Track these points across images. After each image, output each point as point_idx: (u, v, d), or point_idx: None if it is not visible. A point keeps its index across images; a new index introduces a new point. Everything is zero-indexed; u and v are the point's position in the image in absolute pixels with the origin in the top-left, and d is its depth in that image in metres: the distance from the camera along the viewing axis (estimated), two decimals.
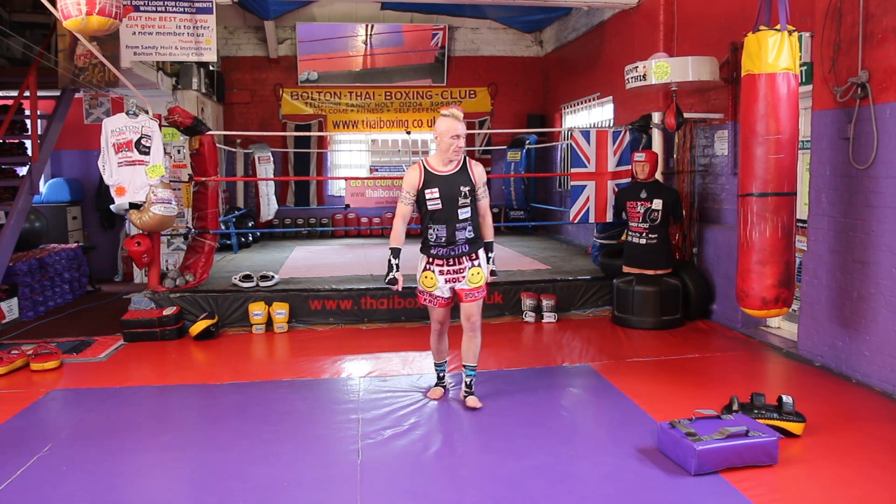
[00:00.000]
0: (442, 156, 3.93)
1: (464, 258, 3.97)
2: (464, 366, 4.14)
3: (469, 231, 3.95)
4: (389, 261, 4.02)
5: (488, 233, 4.07)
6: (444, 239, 3.94)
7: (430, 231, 3.96)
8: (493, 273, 4.07)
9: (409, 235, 4.10)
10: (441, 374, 4.34)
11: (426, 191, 3.90)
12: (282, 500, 2.98)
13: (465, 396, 4.11)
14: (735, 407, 3.55)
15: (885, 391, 4.17)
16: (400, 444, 3.54)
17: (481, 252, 4.02)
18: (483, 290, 4.03)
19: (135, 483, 3.23)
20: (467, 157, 4.01)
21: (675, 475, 3.14)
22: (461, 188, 3.91)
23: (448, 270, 3.99)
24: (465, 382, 4.15)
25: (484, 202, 4.03)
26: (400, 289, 4.12)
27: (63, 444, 3.57)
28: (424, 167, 3.95)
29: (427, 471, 3.25)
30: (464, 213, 3.93)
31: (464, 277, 3.98)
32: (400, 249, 4.05)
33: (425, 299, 4.11)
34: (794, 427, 3.52)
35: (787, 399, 3.57)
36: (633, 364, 4.91)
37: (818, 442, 3.48)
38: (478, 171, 4.00)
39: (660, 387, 4.36)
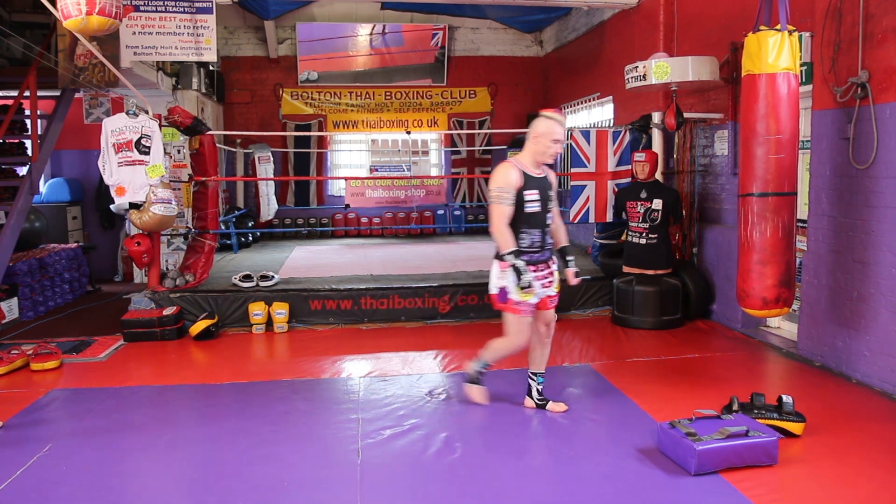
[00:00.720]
0: (535, 158, 3.75)
1: (550, 263, 3.87)
2: (535, 374, 4.00)
3: (549, 235, 3.86)
4: (515, 266, 3.64)
5: (565, 236, 4.01)
6: (537, 244, 3.77)
7: (523, 236, 3.74)
8: (577, 275, 4.00)
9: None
10: (541, 388, 4.03)
11: (526, 192, 3.69)
12: (282, 500, 2.98)
13: (544, 404, 3.98)
14: (735, 407, 3.55)
15: (885, 391, 4.17)
16: (400, 444, 3.54)
17: (554, 258, 3.92)
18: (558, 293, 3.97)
19: (135, 483, 3.23)
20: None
21: (675, 475, 3.14)
22: (549, 192, 3.80)
23: (541, 276, 3.81)
24: (538, 390, 4.01)
25: (556, 202, 3.92)
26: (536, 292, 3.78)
27: (63, 444, 3.57)
28: (520, 168, 3.74)
29: (427, 471, 3.24)
30: (549, 218, 3.82)
31: (551, 283, 3.87)
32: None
33: (523, 309, 3.76)
34: (794, 427, 3.52)
35: (786, 399, 3.57)
36: (633, 364, 4.91)
37: (818, 442, 3.48)
38: (554, 178, 3.89)
39: (660, 387, 4.36)
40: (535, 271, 3.77)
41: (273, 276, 6.53)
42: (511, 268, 3.66)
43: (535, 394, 4.01)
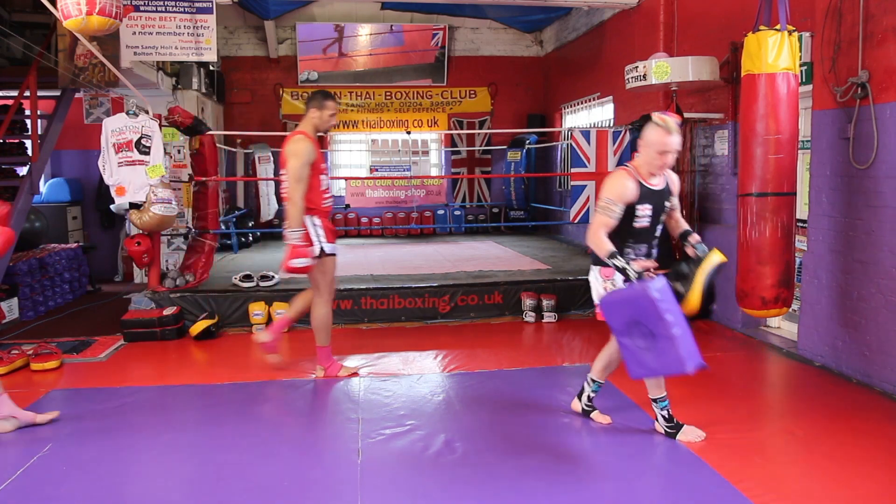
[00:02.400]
0: (650, 167, 3.37)
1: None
2: (594, 380, 3.81)
3: (657, 247, 3.57)
4: (623, 269, 3.23)
5: (685, 224, 3.61)
6: (642, 258, 3.51)
7: (628, 250, 3.45)
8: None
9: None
10: (593, 396, 3.82)
11: (639, 206, 3.36)
12: (282, 500, 2.98)
13: (591, 411, 3.84)
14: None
15: (885, 391, 4.17)
16: (400, 444, 3.54)
17: None
18: None
19: (135, 483, 3.23)
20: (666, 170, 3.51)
21: (675, 476, 3.14)
22: (665, 203, 3.47)
23: None
24: (590, 397, 3.83)
25: (675, 202, 3.57)
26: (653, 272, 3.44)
27: (63, 444, 3.57)
28: (639, 179, 3.37)
29: (427, 471, 3.24)
30: (660, 230, 3.54)
31: None
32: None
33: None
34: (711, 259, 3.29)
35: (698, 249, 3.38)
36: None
37: (818, 442, 3.48)
38: (675, 180, 3.54)
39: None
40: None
41: (273, 276, 6.53)
42: (616, 271, 3.28)
43: (584, 398, 3.83)
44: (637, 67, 6.01)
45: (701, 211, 6.47)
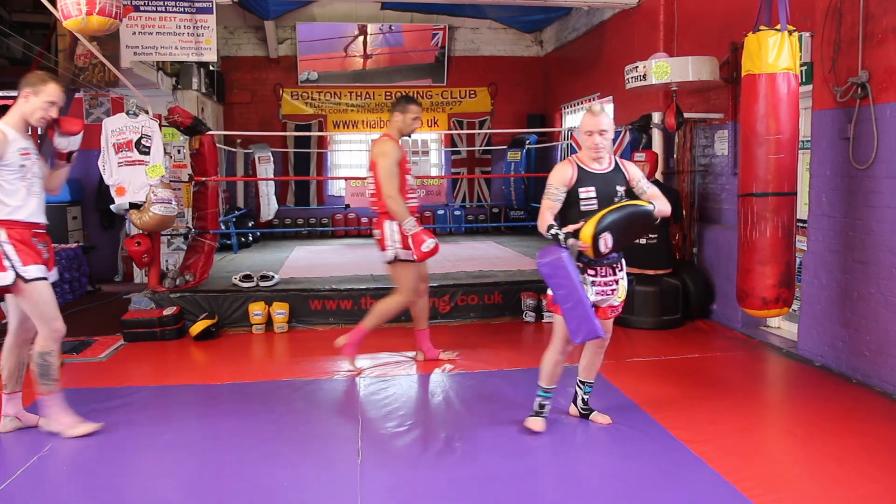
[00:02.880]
0: (588, 152, 3.52)
1: (616, 268, 3.55)
2: (584, 382, 3.82)
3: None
4: (555, 235, 3.30)
5: (658, 201, 3.48)
6: (615, 236, 3.40)
7: None
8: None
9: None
10: (546, 404, 3.73)
11: (580, 189, 3.46)
12: (282, 500, 2.98)
13: (588, 413, 3.82)
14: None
15: (885, 391, 4.17)
16: (400, 444, 3.54)
17: (623, 261, 3.60)
18: (623, 303, 3.68)
19: (135, 483, 3.22)
20: (618, 158, 3.63)
21: (674, 476, 3.14)
22: (617, 188, 3.50)
23: (601, 282, 3.50)
24: (584, 399, 3.84)
25: (652, 190, 3.55)
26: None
27: (63, 444, 3.57)
28: (577, 163, 3.53)
29: (427, 471, 3.24)
30: None
31: (615, 291, 3.56)
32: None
33: None
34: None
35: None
36: (633, 364, 4.91)
37: (818, 442, 3.48)
38: (632, 171, 3.59)
39: (660, 387, 4.35)
40: (594, 275, 3.49)
41: (273, 276, 6.53)
42: (554, 236, 3.31)
43: (579, 402, 3.85)
44: (637, 67, 6.01)
45: (701, 211, 6.47)
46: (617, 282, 3.55)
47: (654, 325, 5.87)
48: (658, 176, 6.38)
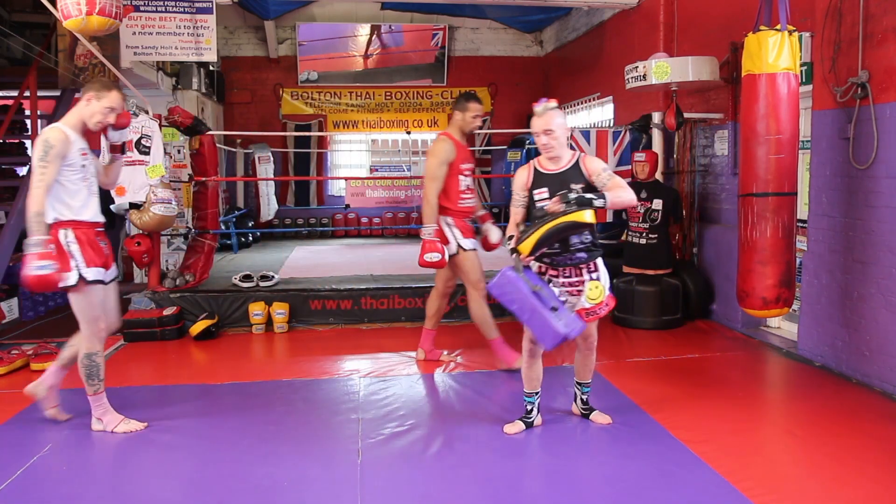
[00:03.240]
0: (542, 154, 3.57)
1: (583, 269, 3.49)
2: (580, 383, 3.79)
3: (587, 236, 3.45)
4: (509, 247, 3.38)
5: (613, 191, 3.40)
6: (556, 245, 3.41)
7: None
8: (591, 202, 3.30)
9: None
10: (530, 408, 3.69)
11: (534, 191, 3.50)
12: (282, 500, 2.98)
13: (589, 413, 3.80)
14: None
15: (885, 391, 4.17)
16: (400, 444, 3.54)
17: (600, 262, 3.53)
18: (606, 304, 3.50)
19: (135, 483, 3.22)
20: (581, 154, 3.56)
21: (674, 476, 3.14)
22: (571, 185, 3.41)
23: (565, 283, 3.47)
24: (583, 399, 3.81)
25: (612, 182, 3.44)
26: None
27: (63, 444, 3.58)
28: (535, 167, 3.57)
29: (427, 471, 3.24)
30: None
31: (581, 293, 3.47)
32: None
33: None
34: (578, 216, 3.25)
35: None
36: (633, 364, 4.91)
37: (818, 442, 3.48)
38: (591, 165, 3.49)
39: (660, 387, 4.35)
40: (555, 276, 3.47)
41: (273, 276, 6.53)
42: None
43: (579, 402, 3.84)
44: (637, 67, 6.01)
45: (701, 211, 6.47)
46: (583, 282, 3.47)
47: (654, 325, 5.87)
48: (658, 176, 6.38)
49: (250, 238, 9.98)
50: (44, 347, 5.12)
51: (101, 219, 3.79)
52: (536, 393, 3.67)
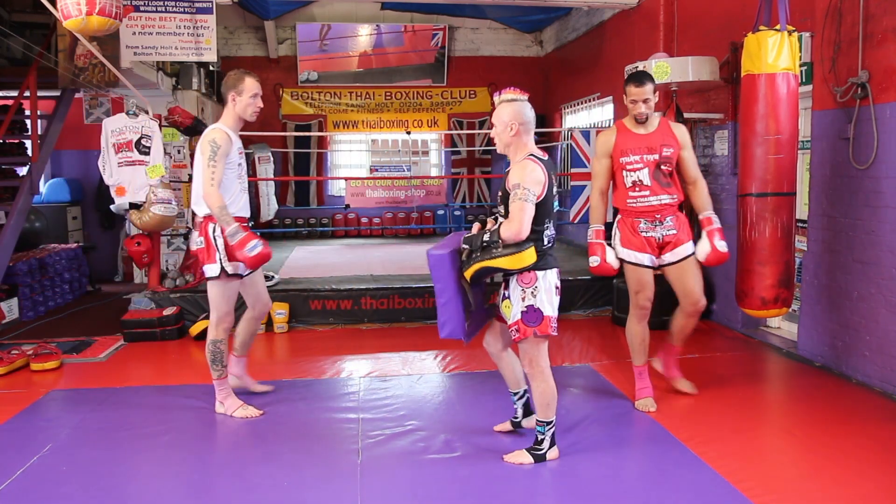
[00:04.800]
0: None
1: (506, 283, 3.31)
2: (513, 393, 3.62)
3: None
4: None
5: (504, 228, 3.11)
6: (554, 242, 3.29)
7: (547, 233, 3.23)
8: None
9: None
10: (515, 408, 3.62)
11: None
12: (282, 500, 2.98)
13: (518, 424, 3.63)
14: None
15: (885, 391, 4.17)
16: (400, 444, 3.54)
17: (515, 283, 3.22)
18: (517, 329, 3.21)
19: (135, 483, 3.23)
20: (523, 158, 3.27)
21: (674, 476, 3.14)
22: (506, 187, 3.23)
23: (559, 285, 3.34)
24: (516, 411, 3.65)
25: (513, 207, 3.08)
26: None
27: (63, 444, 3.58)
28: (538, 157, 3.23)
29: (427, 471, 3.24)
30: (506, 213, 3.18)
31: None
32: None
33: (554, 327, 3.25)
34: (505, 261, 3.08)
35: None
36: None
37: (818, 442, 3.48)
38: (511, 175, 3.20)
39: (660, 387, 4.35)
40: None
41: (273, 276, 6.53)
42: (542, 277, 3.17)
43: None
44: (637, 67, 6.01)
45: None
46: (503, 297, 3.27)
47: (655, 325, 5.81)
48: None
49: None
50: (44, 347, 5.12)
51: (247, 213, 4.02)
52: (515, 393, 3.58)
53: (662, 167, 3.86)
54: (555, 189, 3.28)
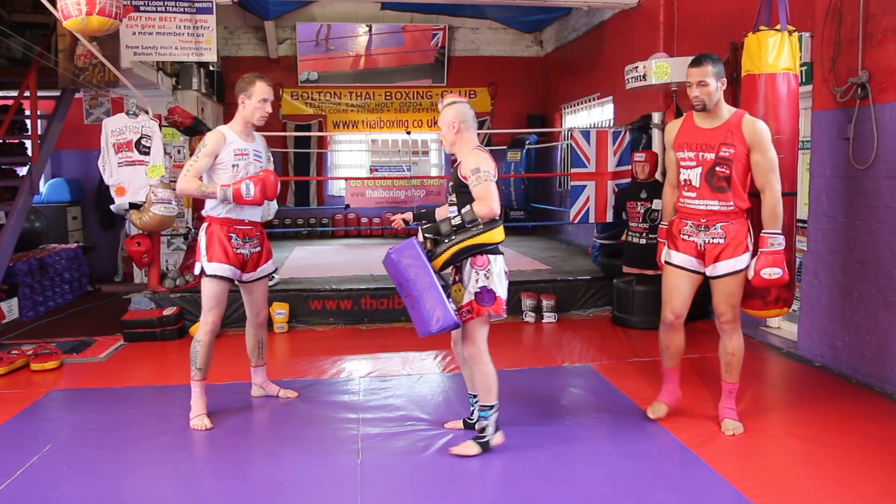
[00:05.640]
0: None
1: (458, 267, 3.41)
2: (471, 394, 3.64)
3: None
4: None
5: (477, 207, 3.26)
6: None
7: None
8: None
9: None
10: (472, 411, 3.65)
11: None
12: (282, 500, 2.98)
13: (471, 425, 3.60)
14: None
15: (885, 391, 4.17)
16: (400, 444, 3.54)
17: (468, 266, 3.32)
18: (469, 310, 3.30)
19: (135, 483, 3.23)
20: (471, 149, 3.38)
21: (673, 476, 3.14)
22: (457, 178, 3.39)
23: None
24: (471, 412, 3.64)
25: (477, 190, 3.24)
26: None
27: (63, 444, 3.58)
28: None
29: (427, 471, 3.24)
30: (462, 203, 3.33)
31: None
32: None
33: (505, 309, 3.37)
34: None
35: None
36: (633, 364, 4.91)
37: (818, 442, 3.48)
38: (462, 167, 3.33)
39: (660, 387, 4.35)
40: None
41: (273, 277, 6.52)
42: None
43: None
44: (637, 67, 6.01)
45: None
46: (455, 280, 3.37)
47: (654, 325, 5.80)
48: (658, 176, 6.38)
49: None
50: (44, 347, 5.12)
51: (253, 218, 3.99)
52: (474, 395, 3.53)
53: (717, 169, 3.42)
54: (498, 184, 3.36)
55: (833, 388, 4.31)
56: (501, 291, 3.31)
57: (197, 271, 3.89)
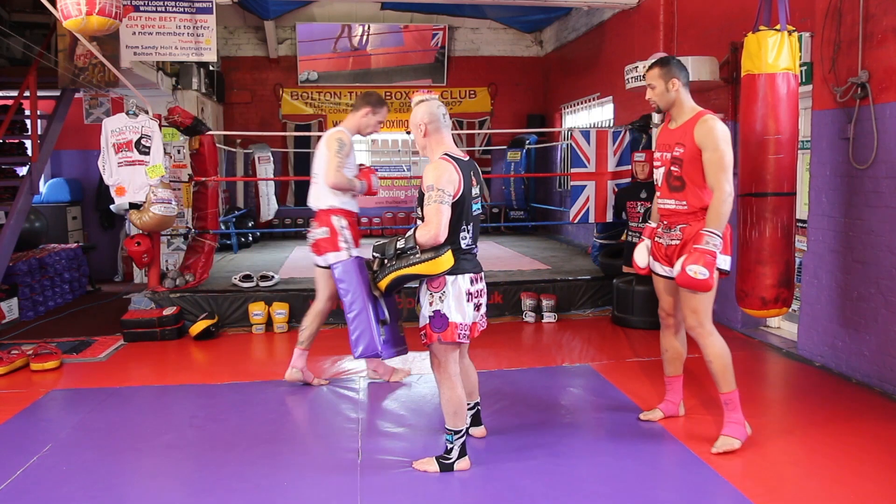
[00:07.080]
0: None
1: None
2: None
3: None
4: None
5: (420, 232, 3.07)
6: (476, 246, 3.18)
7: (463, 235, 3.11)
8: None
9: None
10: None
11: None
12: (281, 500, 2.98)
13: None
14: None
15: (885, 391, 4.17)
16: (400, 444, 3.54)
17: (424, 290, 3.13)
18: (425, 334, 3.11)
19: (135, 483, 3.23)
20: (438, 157, 3.10)
21: (673, 476, 3.14)
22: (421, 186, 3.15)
23: (479, 291, 3.21)
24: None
25: (426, 210, 3.02)
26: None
27: (63, 444, 3.58)
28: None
29: (427, 471, 3.24)
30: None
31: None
32: None
33: (461, 335, 3.08)
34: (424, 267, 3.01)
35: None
36: (633, 364, 4.91)
37: (818, 442, 3.48)
38: (424, 177, 3.05)
39: (660, 387, 4.35)
40: (474, 282, 3.16)
41: (273, 276, 6.53)
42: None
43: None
44: (637, 67, 6.01)
45: None
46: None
47: (654, 325, 5.83)
48: None
49: (250, 238, 9.98)
50: (44, 347, 5.12)
51: (356, 209, 4.45)
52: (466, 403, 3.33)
53: (672, 168, 3.46)
54: (474, 191, 3.11)
55: (833, 388, 4.31)
56: (457, 316, 3.03)
57: (337, 259, 4.05)
